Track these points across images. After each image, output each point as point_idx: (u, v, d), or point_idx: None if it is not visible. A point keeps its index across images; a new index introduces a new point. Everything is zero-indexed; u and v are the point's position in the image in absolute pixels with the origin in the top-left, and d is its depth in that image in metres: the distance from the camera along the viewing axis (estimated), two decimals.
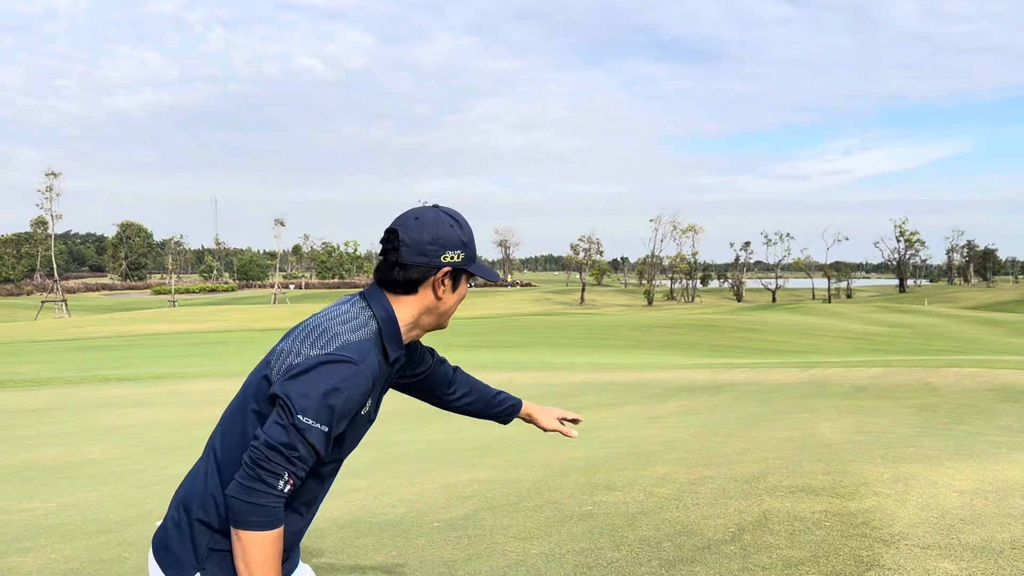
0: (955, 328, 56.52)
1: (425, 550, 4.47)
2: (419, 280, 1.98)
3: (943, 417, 9.37)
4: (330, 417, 1.82)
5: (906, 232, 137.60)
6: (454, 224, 2.01)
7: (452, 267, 2.00)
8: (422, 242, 1.96)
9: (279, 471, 1.80)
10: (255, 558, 1.80)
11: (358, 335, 1.90)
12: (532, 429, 9.67)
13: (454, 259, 1.99)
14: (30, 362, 26.61)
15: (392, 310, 1.99)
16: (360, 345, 1.88)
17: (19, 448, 9.47)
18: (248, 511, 1.79)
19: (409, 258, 1.96)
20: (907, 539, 4.29)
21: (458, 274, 2.04)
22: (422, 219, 1.99)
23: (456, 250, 1.99)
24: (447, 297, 2.04)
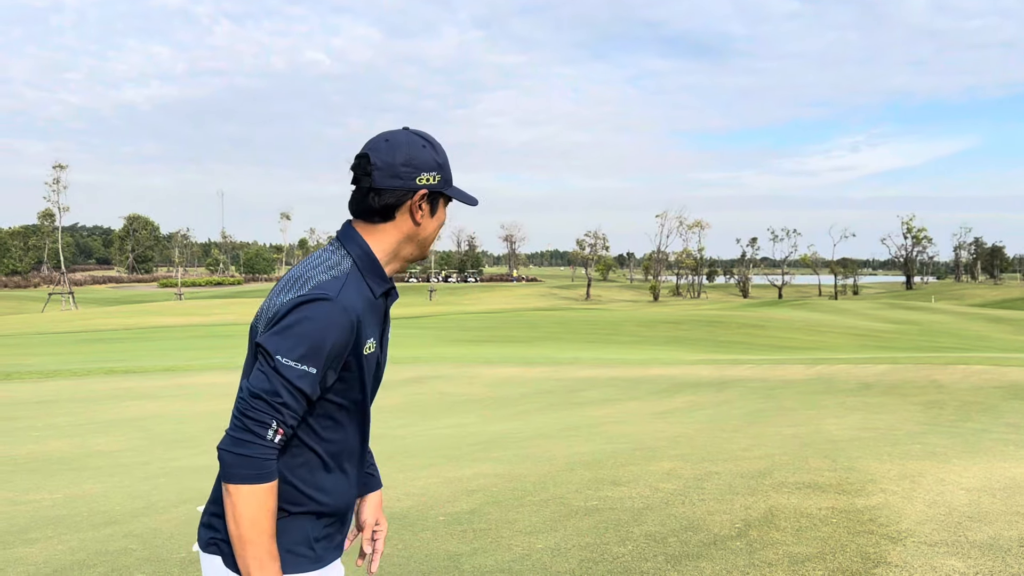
0: (962, 325, 56.35)
1: (431, 544, 4.47)
2: (395, 205, 1.90)
3: (950, 414, 9.34)
4: (310, 355, 1.76)
5: (913, 229, 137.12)
6: (427, 145, 1.93)
7: (429, 190, 1.91)
8: (395, 164, 1.88)
9: (266, 419, 1.74)
10: (245, 514, 1.73)
11: (330, 274, 1.85)
12: (537, 424, 9.67)
13: (430, 181, 1.91)
14: (37, 354, 26.71)
15: (367, 245, 1.92)
16: (332, 283, 1.83)
17: (26, 440, 9.50)
18: (236, 463, 1.73)
19: (383, 182, 1.89)
20: (914, 536, 4.27)
21: (435, 198, 1.95)
22: (393, 141, 1.91)
23: (431, 172, 1.91)
24: (426, 223, 1.95)
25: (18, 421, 11.17)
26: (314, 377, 1.78)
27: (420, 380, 15.81)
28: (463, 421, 10.40)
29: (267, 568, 1.75)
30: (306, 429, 1.87)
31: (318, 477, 1.89)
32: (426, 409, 11.74)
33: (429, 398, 13.05)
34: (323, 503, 1.90)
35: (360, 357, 1.88)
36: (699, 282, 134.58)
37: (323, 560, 1.92)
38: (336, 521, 1.95)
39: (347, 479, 1.96)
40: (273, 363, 1.76)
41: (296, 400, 1.77)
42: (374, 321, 1.93)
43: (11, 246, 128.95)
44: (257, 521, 1.74)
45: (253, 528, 1.74)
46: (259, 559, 1.75)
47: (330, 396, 1.87)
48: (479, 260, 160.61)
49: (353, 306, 1.83)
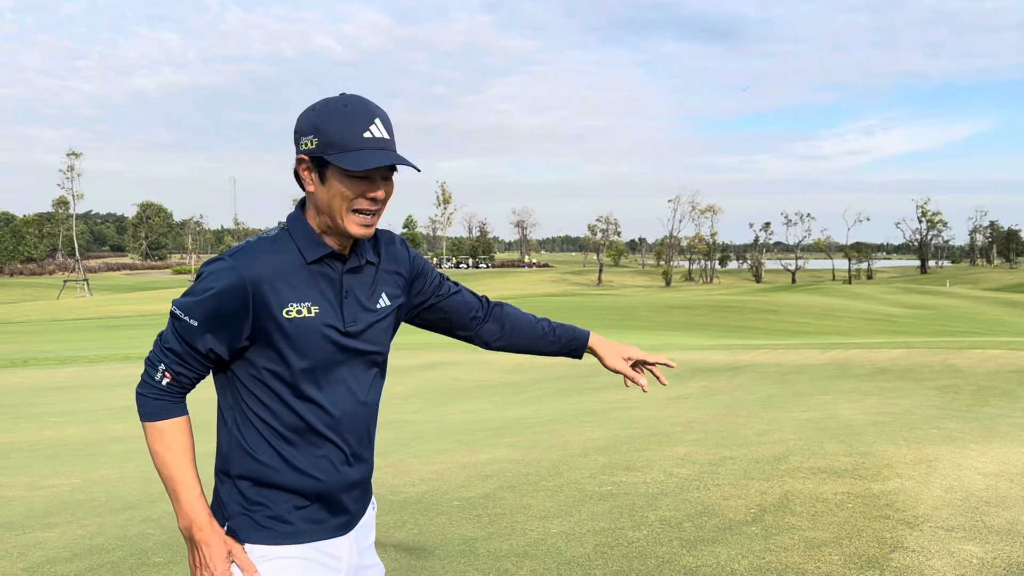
0: (977, 309, 55.96)
1: (446, 528, 4.48)
2: (297, 174, 1.89)
3: (966, 399, 9.28)
4: (194, 308, 1.81)
5: (928, 212, 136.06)
6: (314, 108, 1.83)
7: (308, 154, 1.82)
8: (295, 132, 1.87)
9: (155, 362, 1.87)
10: (152, 449, 1.87)
11: (248, 241, 1.90)
12: (550, 410, 9.67)
13: (307, 146, 1.81)
14: (53, 341, 26.92)
15: (299, 213, 1.94)
16: (244, 247, 1.86)
17: (44, 426, 9.59)
18: (137, 403, 1.89)
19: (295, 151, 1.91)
20: (931, 521, 4.25)
21: (322, 164, 1.81)
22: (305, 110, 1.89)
23: (308, 135, 1.81)
24: (318, 191, 1.84)
25: (35, 407, 11.27)
26: (194, 329, 1.82)
27: (433, 366, 15.85)
28: (477, 407, 10.42)
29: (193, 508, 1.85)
30: (248, 397, 1.92)
31: (280, 449, 1.89)
32: (439, 395, 11.77)
33: (442, 384, 13.08)
34: (288, 478, 1.89)
35: (277, 320, 1.83)
36: (712, 267, 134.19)
37: (303, 535, 1.90)
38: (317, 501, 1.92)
39: (326, 457, 1.91)
40: (170, 312, 1.88)
41: (182, 347, 1.85)
42: (309, 285, 1.87)
43: (26, 234, 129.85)
44: (159, 454, 1.86)
45: (158, 460, 1.86)
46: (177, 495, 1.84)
47: (256, 361, 1.88)
48: (490, 246, 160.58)
49: (249, 267, 1.81)
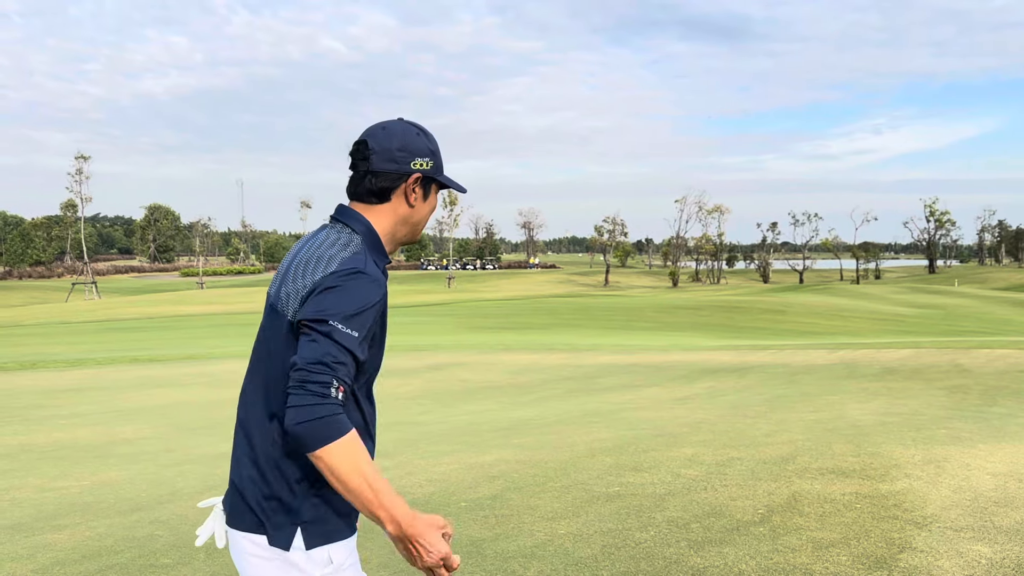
0: (986, 309, 55.71)
1: (453, 529, 4.49)
2: (390, 188, 2.01)
3: (975, 399, 9.24)
4: (354, 320, 1.82)
5: (936, 212, 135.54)
6: (420, 134, 2.05)
7: (422, 174, 2.03)
8: (391, 149, 2.00)
9: (326, 380, 1.76)
10: (344, 469, 1.73)
11: (349, 250, 1.93)
12: (557, 411, 9.67)
13: (423, 166, 2.03)
14: (61, 343, 27.04)
15: (369, 223, 2.02)
16: (355, 258, 1.92)
17: (52, 428, 9.62)
18: (312, 430, 1.73)
19: (380, 165, 2.00)
20: (940, 521, 4.24)
21: (428, 183, 2.06)
22: (389, 128, 2.04)
23: (424, 158, 2.03)
24: (419, 206, 2.06)
25: (44, 409, 11.32)
26: (358, 340, 1.83)
27: (440, 367, 15.86)
28: (484, 408, 10.43)
29: (395, 505, 1.77)
30: None
31: None
32: (447, 396, 11.78)
33: (449, 385, 13.09)
34: None
35: (384, 327, 2.00)
36: (719, 267, 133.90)
37: (354, 529, 2.00)
38: None
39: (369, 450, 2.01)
40: (324, 328, 1.80)
41: (348, 358, 1.81)
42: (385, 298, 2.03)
43: (34, 237, 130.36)
44: (358, 470, 1.74)
45: (358, 478, 1.74)
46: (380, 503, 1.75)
47: None
48: (497, 247, 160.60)
49: (380, 277, 1.93)
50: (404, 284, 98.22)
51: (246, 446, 1.96)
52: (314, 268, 1.90)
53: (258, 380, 1.98)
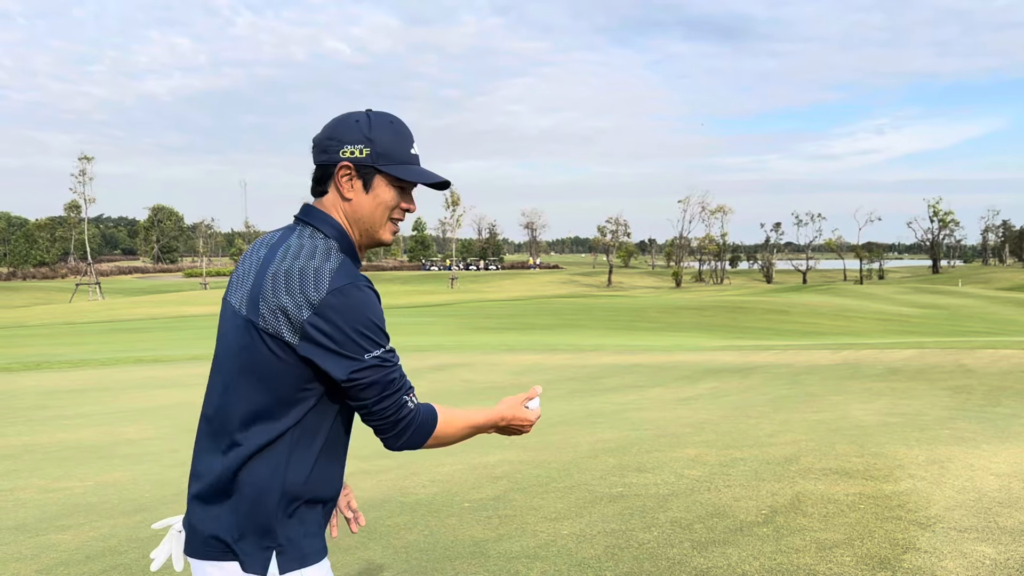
0: (990, 309, 55.61)
1: (456, 530, 4.49)
2: (323, 178, 1.93)
3: (979, 399, 9.23)
4: (383, 335, 1.83)
5: (940, 212, 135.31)
6: (361, 120, 1.91)
7: (353, 163, 1.89)
8: (322, 139, 1.92)
9: (400, 402, 1.85)
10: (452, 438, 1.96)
11: (333, 259, 1.84)
12: (561, 411, 9.67)
13: (354, 154, 1.89)
14: (66, 344, 27.08)
15: (337, 222, 1.93)
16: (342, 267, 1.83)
17: (56, 428, 9.64)
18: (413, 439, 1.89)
19: (316, 158, 1.93)
20: (943, 522, 4.23)
21: (369, 174, 1.91)
22: (332, 119, 1.96)
23: (357, 145, 1.89)
24: (358, 198, 1.91)
25: (48, 410, 11.34)
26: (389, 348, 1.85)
27: (443, 368, 15.86)
28: None
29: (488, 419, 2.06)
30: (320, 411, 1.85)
31: (326, 460, 1.89)
32: (450, 396, 11.78)
33: (452, 385, 13.09)
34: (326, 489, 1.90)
35: None
36: (722, 268, 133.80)
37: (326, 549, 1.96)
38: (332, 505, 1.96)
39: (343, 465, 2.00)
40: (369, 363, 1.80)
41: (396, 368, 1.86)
42: None
43: (38, 237, 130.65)
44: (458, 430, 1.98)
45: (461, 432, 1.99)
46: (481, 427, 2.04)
47: None
48: (500, 248, 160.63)
49: (372, 285, 1.88)
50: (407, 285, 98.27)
51: (215, 465, 1.85)
52: (301, 286, 1.78)
53: (234, 399, 1.84)
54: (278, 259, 1.85)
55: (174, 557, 1.97)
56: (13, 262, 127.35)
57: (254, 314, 1.82)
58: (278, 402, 1.81)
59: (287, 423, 1.82)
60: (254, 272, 1.88)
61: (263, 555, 1.80)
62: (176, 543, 1.97)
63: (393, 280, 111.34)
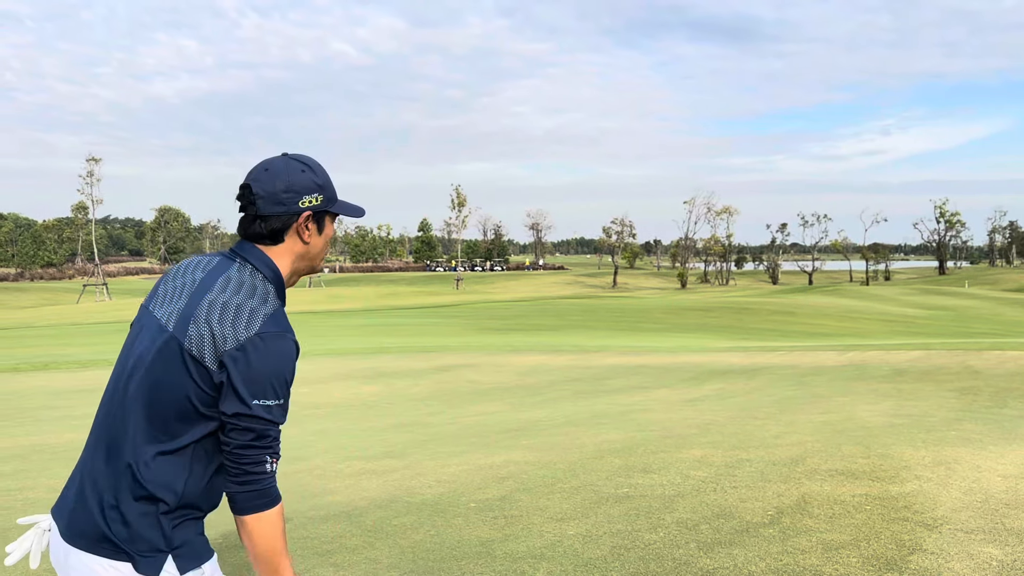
0: (996, 310, 55.43)
1: (462, 530, 4.50)
2: (282, 229, 2.02)
3: (985, 400, 9.21)
4: (284, 389, 1.92)
5: (946, 213, 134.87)
6: (306, 169, 2.03)
7: (312, 211, 2.03)
8: (276, 192, 1.99)
9: (261, 458, 1.90)
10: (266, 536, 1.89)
11: (269, 305, 1.95)
12: (566, 412, 9.68)
13: (312, 203, 2.02)
14: (74, 344, 27.18)
15: (275, 266, 2.03)
16: (276, 316, 1.94)
17: (65, 428, 9.68)
18: (248, 498, 1.88)
19: (267, 209, 1.99)
20: (950, 523, 4.23)
21: (320, 216, 2.07)
22: (272, 169, 2.02)
23: (312, 194, 2.02)
24: (314, 240, 2.07)
25: (56, 410, 11.39)
26: (286, 408, 1.93)
27: (449, 368, 15.88)
28: (492, 409, 10.44)
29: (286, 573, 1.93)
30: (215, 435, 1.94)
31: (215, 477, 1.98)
32: (455, 397, 11.80)
33: (458, 386, 13.11)
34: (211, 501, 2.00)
35: None
36: (727, 269, 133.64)
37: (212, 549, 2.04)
38: None
39: None
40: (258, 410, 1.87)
41: (278, 431, 1.93)
42: None
43: (46, 239, 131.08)
44: (277, 539, 1.91)
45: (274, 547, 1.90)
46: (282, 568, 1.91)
47: None
48: (505, 249, 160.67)
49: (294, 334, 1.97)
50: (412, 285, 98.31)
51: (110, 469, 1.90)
52: (234, 320, 1.89)
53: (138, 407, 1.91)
54: (217, 289, 1.95)
55: (32, 555, 2.01)
56: (21, 263, 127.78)
57: (182, 333, 1.91)
58: (183, 417, 1.90)
59: (189, 438, 1.91)
60: (187, 294, 1.97)
61: (159, 558, 1.88)
62: (38, 541, 2.03)
63: (398, 281, 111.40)
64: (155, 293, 2.04)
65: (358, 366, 16.43)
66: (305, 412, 10.47)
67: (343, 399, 11.82)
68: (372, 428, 8.96)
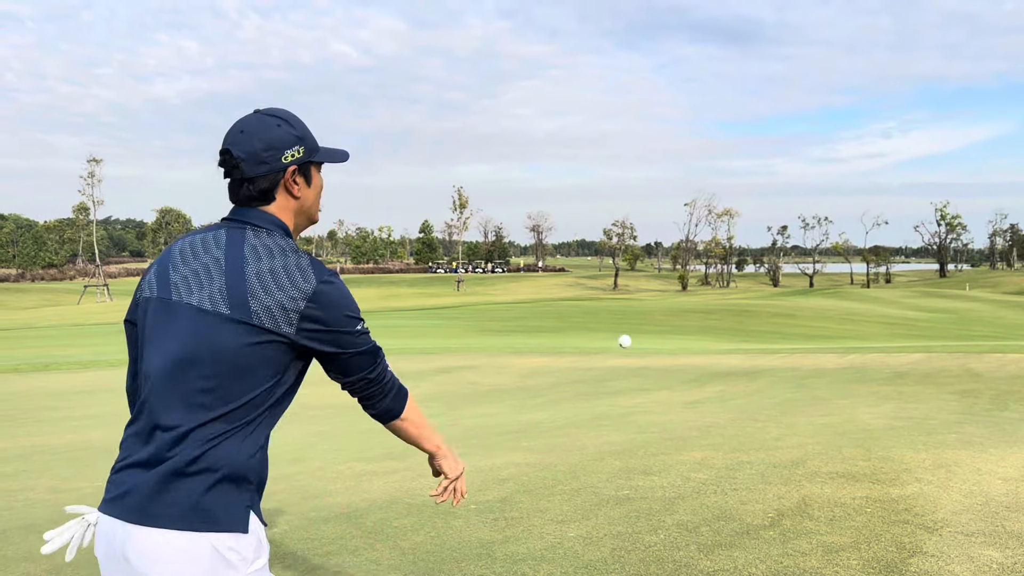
0: (997, 313, 55.42)
1: (463, 531, 4.51)
2: (270, 188, 2.02)
3: (986, 403, 9.21)
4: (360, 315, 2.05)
5: (947, 216, 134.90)
6: (281, 123, 2.02)
7: (297, 164, 2.03)
8: (256, 151, 1.98)
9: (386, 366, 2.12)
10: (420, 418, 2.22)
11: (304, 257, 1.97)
12: (567, 414, 9.68)
13: (296, 156, 2.02)
14: (74, 345, 27.18)
15: (281, 221, 2.04)
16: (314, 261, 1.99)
17: (66, 429, 9.69)
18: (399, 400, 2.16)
19: (252, 171, 1.98)
20: (950, 526, 4.23)
21: (306, 168, 2.07)
22: (247, 130, 2.00)
23: (293, 147, 2.02)
24: (304, 193, 2.07)
25: (57, 411, 11.39)
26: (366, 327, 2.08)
27: (450, 370, 15.88)
28: (493, 410, 10.44)
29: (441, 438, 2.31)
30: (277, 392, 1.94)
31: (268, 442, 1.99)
32: (456, 399, 11.80)
33: (459, 388, 13.11)
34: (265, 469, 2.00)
35: None
36: (728, 271, 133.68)
37: None
38: None
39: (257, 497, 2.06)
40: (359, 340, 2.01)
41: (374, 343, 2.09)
42: None
43: (47, 239, 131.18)
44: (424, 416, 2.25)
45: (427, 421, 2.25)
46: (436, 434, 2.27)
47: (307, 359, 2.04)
48: (506, 250, 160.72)
49: None
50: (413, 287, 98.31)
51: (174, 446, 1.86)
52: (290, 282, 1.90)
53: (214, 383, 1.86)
54: (252, 260, 1.92)
55: (71, 546, 1.98)
56: (22, 264, 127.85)
57: (244, 313, 1.87)
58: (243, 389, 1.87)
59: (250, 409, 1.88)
60: (221, 273, 1.91)
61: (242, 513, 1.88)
62: (80, 534, 1.99)
63: (399, 282, 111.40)
64: (167, 281, 1.95)
65: None
66: (306, 413, 10.48)
67: (344, 400, 11.82)
68: (372, 429, 8.97)
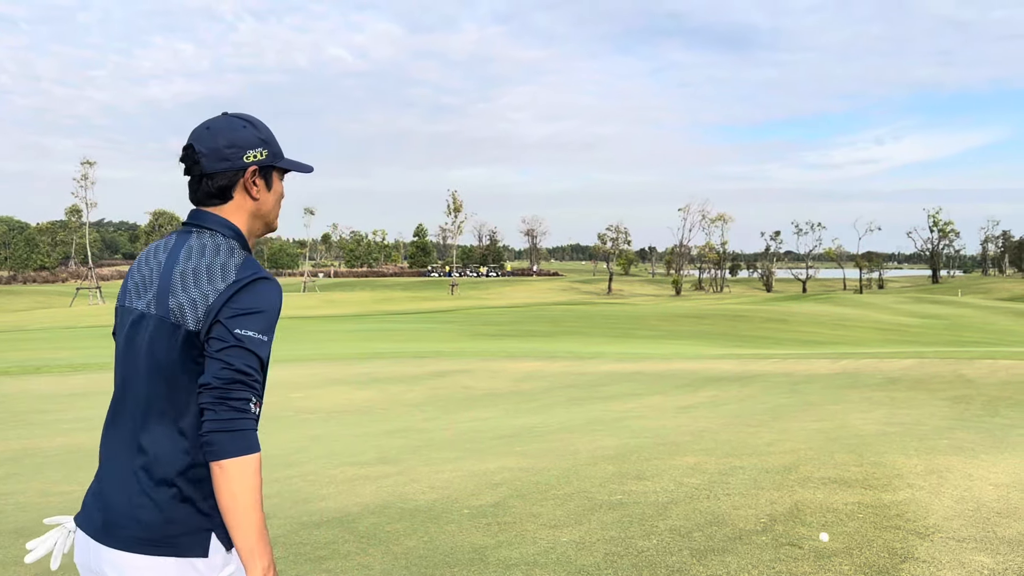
0: (989, 319, 55.63)
1: (456, 536, 4.50)
2: (229, 186, 2.00)
3: (977, 409, 9.24)
4: (269, 326, 1.89)
5: (940, 222, 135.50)
6: (247, 125, 2.03)
7: (258, 165, 2.02)
8: (219, 148, 1.98)
9: (245, 396, 1.82)
10: (244, 485, 1.78)
11: (237, 256, 1.94)
12: (560, 418, 9.68)
13: (257, 157, 2.01)
14: (66, 348, 27.08)
15: (231, 223, 2.01)
16: (248, 263, 1.94)
17: (56, 432, 9.65)
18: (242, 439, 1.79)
19: (211, 167, 1.98)
20: (942, 532, 4.24)
21: (268, 172, 2.06)
22: (213, 128, 2.00)
23: (256, 148, 2.01)
24: (264, 196, 2.05)
25: (48, 414, 11.34)
26: (269, 345, 1.89)
27: (443, 374, 15.87)
28: (487, 415, 10.43)
29: (264, 538, 1.81)
30: None
31: None
32: (450, 403, 11.79)
33: (452, 392, 13.10)
34: None
35: None
36: (722, 276, 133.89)
37: None
38: None
39: None
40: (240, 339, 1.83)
41: (265, 371, 1.88)
42: None
43: (39, 242, 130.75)
44: (253, 491, 1.79)
45: (250, 495, 1.79)
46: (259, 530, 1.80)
47: None
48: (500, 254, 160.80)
49: (276, 280, 1.97)
50: (407, 291, 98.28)
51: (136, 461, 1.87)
52: (209, 279, 1.88)
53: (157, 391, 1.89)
54: (182, 260, 1.94)
55: (54, 555, 1.98)
56: (14, 266, 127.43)
57: (164, 311, 1.89)
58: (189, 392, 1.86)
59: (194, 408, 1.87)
60: (158, 276, 1.95)
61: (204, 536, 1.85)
62: (62, 542, 1.99)
63: (394, 286, 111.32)
64: (125, 289, 2.03)
65: (352, 371, 16.41)
66: (298, 417, 10.46)
67: (337, 404, 11.80)
68: (366, 433, 8.95)
